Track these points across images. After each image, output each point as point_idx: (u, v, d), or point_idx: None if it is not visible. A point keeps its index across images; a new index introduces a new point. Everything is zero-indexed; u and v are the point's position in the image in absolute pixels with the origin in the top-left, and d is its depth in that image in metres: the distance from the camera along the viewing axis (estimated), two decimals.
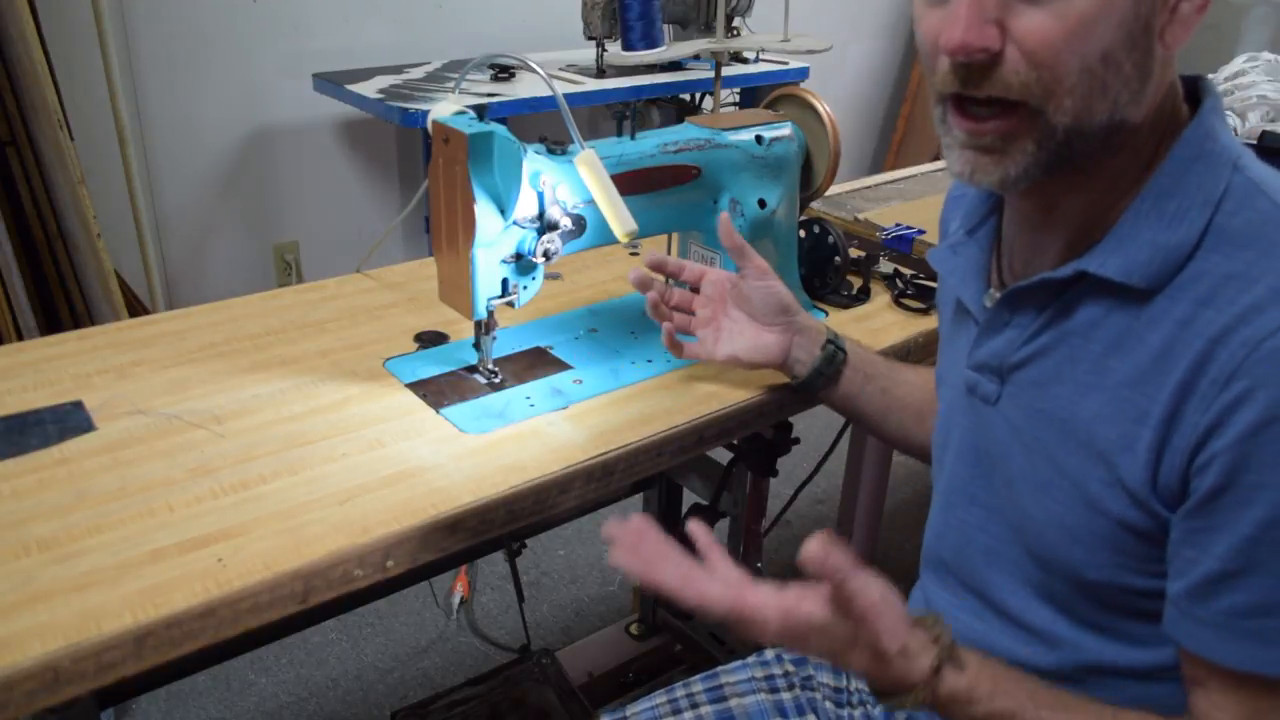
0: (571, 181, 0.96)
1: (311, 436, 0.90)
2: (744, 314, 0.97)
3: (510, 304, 0.96)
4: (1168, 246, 0.63)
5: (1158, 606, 0.66)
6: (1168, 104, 0.66)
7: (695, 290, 0.99)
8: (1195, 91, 0.68)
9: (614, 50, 2.46)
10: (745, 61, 2.87)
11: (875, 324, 1.19)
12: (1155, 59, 0.62)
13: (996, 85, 0.61)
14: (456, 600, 1.96)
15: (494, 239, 0.92)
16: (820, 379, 0.96)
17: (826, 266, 1.22)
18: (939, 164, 1.88)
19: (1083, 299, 0.68)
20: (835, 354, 0.96)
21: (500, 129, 0.88)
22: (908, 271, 1.30)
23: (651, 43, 2.36)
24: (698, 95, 2.87)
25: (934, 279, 1.29)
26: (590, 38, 2.47)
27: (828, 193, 1.28)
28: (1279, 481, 0.57)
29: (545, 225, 0.94)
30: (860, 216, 1.47)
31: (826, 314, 1.21)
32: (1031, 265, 0.73)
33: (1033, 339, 0.71)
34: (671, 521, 1.63)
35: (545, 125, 2.58)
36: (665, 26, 2.46)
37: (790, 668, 0.99)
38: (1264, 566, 0.59)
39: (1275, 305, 0.58)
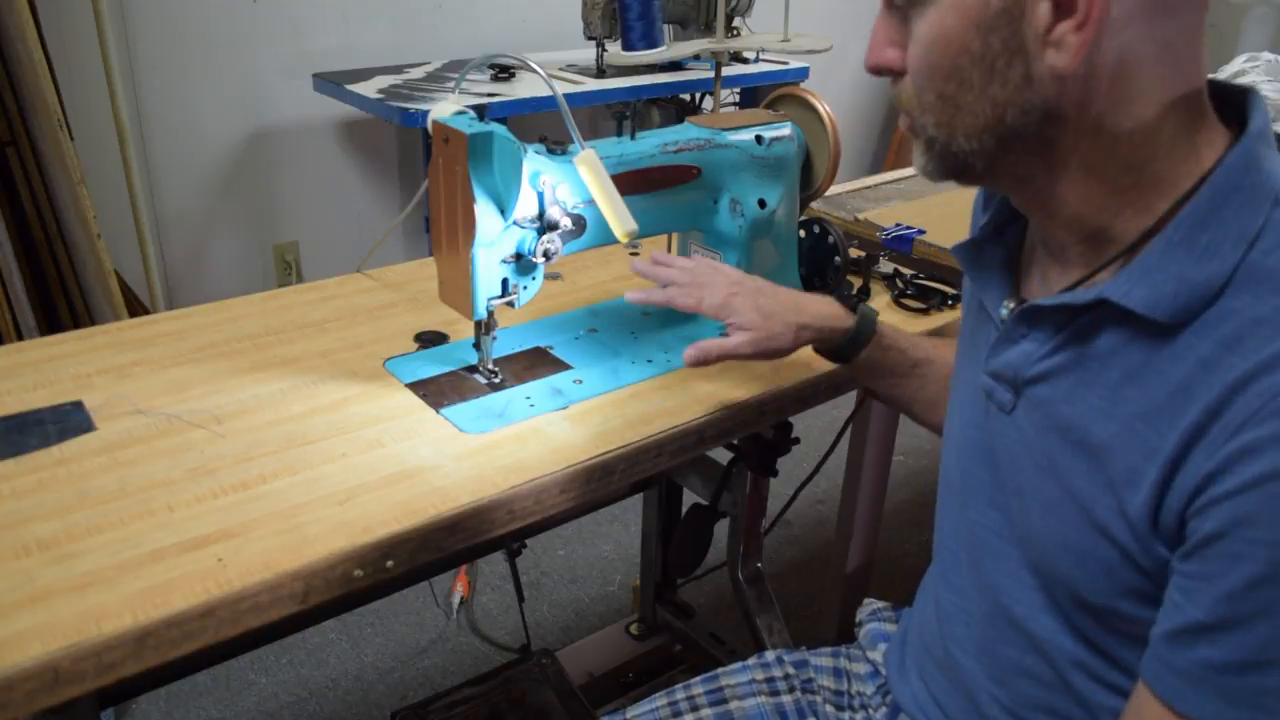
0: (571, 181, 0.96)
1: (311, 436, 0.90)
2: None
3: (510, 304, 0.96)
4: (1196, 282, 0.60)
5: None
6: (1171, 110, 0.62)
7: None
8: (1241, 105, 0.64)
9: (614, 50, 2.46)
10: (745, 61, 2.87)
11: None
12: (1042, 80, 0.60)
13: (899, 97, 0.70)
14: (456, 600, 1.96)
15: (494, 239, 0.92)
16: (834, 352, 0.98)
17: (826, 266, 1.22)
18: None
19: (1103, 324, 0.66)
20: (858, 336, 0.96)
21: (500, 129, 0.88)
22: (908, 271, 1.30)
23: (651, 43, 2.36)
24: (698, 95, 2.87)
25: (934, 279, 1.29)
26: (590, 38, 2.47)
27: (828, 193, 1.28)
28: (1276, 540, 0.55)
29: (545, 225, 0.94)
30: (860, 216, 1.47)
31: None
32: (1050, 279, 0.72)
33: (1049, 356, 0.70)
34: (671, 521, 1.63)
35: (545, 125, 2.58)
36: (665, 26, 2.46)
37: (790, 670, 0.99)
38: (1247, 624, 0.57)
39: None
